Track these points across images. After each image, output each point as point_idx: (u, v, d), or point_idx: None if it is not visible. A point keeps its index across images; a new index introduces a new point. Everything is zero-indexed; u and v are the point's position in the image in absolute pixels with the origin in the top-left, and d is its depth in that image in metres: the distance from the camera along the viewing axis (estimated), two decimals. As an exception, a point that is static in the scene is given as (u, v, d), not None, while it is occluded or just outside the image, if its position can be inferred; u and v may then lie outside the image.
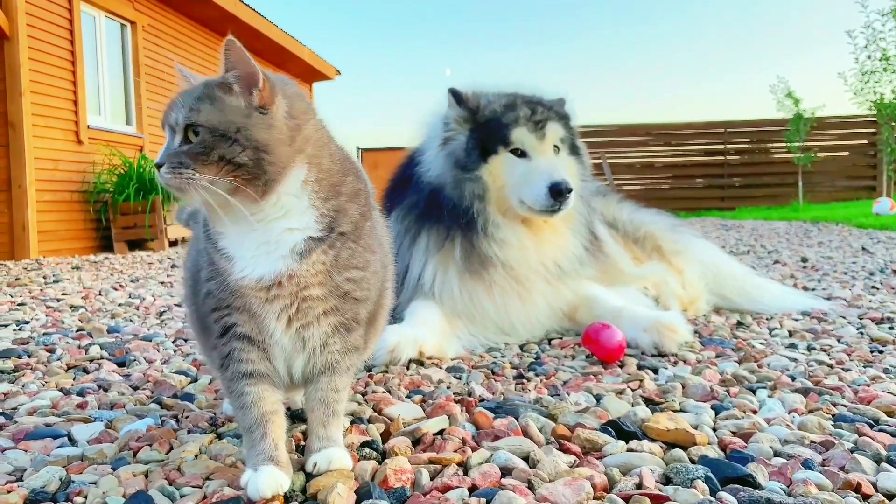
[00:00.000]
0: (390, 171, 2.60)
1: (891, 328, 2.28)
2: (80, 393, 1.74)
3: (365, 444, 1.30)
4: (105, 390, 1.77)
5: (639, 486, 1.11)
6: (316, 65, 13.22)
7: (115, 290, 3.86)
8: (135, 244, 7.59)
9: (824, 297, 2.88)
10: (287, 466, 1.11)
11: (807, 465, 1.16)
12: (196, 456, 1.29)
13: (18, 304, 3.31)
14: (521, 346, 2.18)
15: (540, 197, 2.14)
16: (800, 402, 1.51)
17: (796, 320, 2.46)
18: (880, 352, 1.98)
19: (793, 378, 1.71)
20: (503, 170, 2.21)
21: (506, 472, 1.18)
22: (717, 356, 1.97)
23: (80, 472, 1.22)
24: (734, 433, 1.33)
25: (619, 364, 1.91)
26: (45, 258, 6.44)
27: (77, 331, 2.59)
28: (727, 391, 1.61)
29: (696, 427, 1.35)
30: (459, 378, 1.82)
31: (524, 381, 1.77)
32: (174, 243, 7.83)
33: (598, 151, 14.60)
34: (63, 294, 3.70)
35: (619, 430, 1.34)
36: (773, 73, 31.16)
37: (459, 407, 1.50)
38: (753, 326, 2.38)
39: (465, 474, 1.17)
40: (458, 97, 2.28)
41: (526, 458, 1.23)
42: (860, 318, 2.46)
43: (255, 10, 10.39)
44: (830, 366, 1.83)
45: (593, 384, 1.70)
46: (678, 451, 1.24)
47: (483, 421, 1.42)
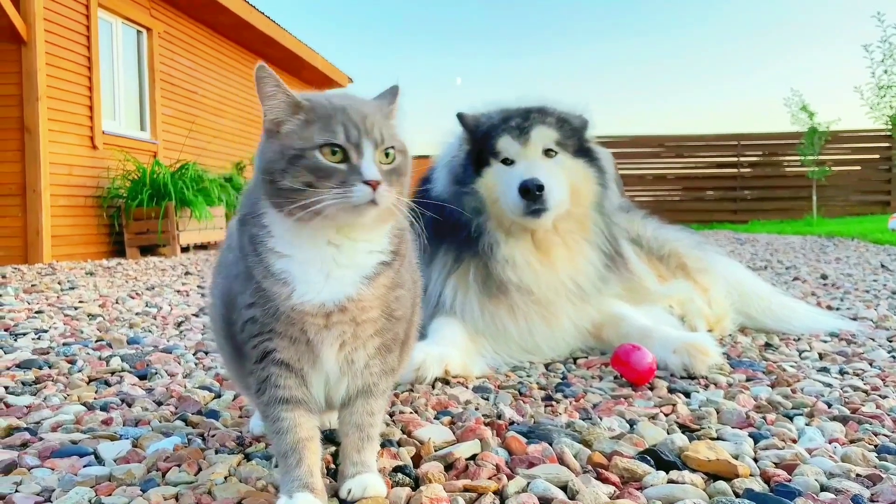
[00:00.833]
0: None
1: (922, 352, 2.24)
2: (103, 408, 1.72)
3: (397, 469, 1.27)
4: (129, 405, 1.75)
5: (684, 520, 1.08)
6: (329, 73, 13.26)
7: (132, 298, 3.85)
8: (147, 249, 7.60)
9: (850, 318, 2.84)
10: (322, 493, 1.09)
11: (856, 501, 1.13)
12: (226, 478, 1.26)
13: (36, 312, 3.31)
14: (546, 366, 2.15)
15: (513, 200, 2.12)
16: (839, 432, 1.48)
17: (825, 342, 2.42)
18: (915, 377, 1.94)
19: (829, 405, 1.67)
20: (494, 181, 2.20)
21: (544, 501, 1.15)
22: (748, 379, 1.94)
23: (110, 494, 1.20)
24: (777, 464, 1.30)
25: (649, 386, 1.87)
26: (58, 262, 6.45)
27: (96, 341, 2.57)
28: (763, 418, 1.57)
29: (736, 457, 1.31)
30: (487, 399, 1.79)
31: (553, 403, 1.74)
32: (186, 249, 7.83)
33: (610, 162, 14.52)
34: (80, 302, 3.69)
35: (658, 459, 1.31)
36: (787, 85, 31.07)
37: (490, 430, 1.47)
38: (782, 348, 2.34)
39: (503, 503, 1.15)
40: (462, 119, 2.31)
41: (564, 488, 1.20)
42: (889, 341, 2.42)
43: (269, 18, 10.43)
44: (866, 392, 1.79)
45: (625, 408, 1.67)
46: (721, 484, 1.20)
47: (516, 446, 1.39)
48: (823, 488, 1.19)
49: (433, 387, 1.91)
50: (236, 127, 10.82)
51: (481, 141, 2.25)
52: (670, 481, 1.22)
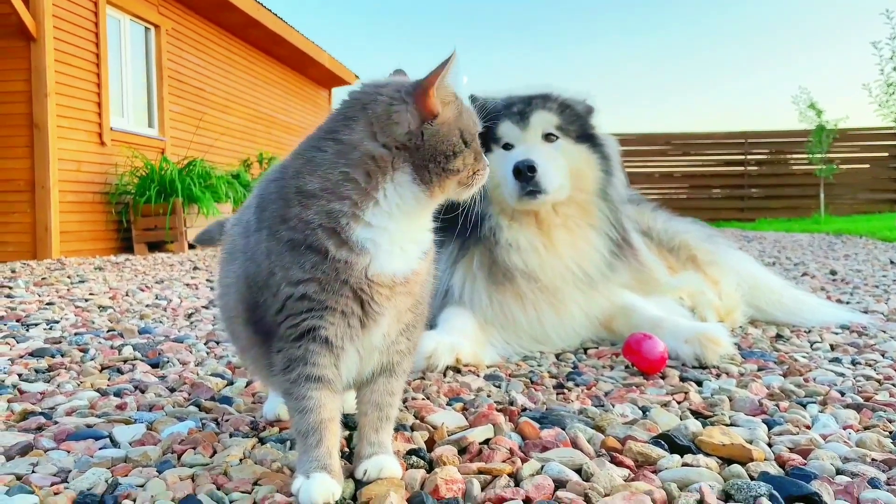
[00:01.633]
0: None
1: (934, 344, 2.23)
2: (117, 394, 1.73)
3: (411, 452, 1.28)
4: (142, 391, 1.76)
5: (700, 501, 1.08)
6: (336, 70, 13.27)
7: (142, 290, 3.87)
8: (154, 246, 7.63)
9: (861, 311, 2.83)
10: (339, 475, 1.09)
11: (873, 483, 1.13)
12: (241, 460, 1.27)
13: (47, 304, 3.32)
14: (556, 356, 2.15)
15: (510, 183, 2.12)
16: (853, 419, 1.47)
17: (836, 333, 2.41)
18: (927, 368, 1.93)
19: (842, 393, 1.66)
20: (495, 166, 2.20)
21: (559, 484, 1.15)
22: (760, 369, 1.93)
23: (126, 475, 1.21)
24: (791, 449, 1.29)
25: (661, 375, 1.87)
26: (66, 258, 6.47)
27: (108, 331, 2.58)
28: (776, 405, 1.57)
29: (750, 442, 1.31)
30: (498, 386, 1.79)
31: (565, 390, 1.74)
32: (193, 246, 7.86)
33: (617, 160, 14.51)
34: (90, 294, 3.71)
35: (672, 443, 1.31)
36: (795, 83, 30.98)
37: (503, 416, 1.48)
38: (793, 339, 2.33)
39: (518, 485, 1.15)
40: (473, 101, 2.29)
41: (578, 471, 1.20)
42: (901, 333, 2.41)
43: (277, 16, 10.45)
44: (879, 381, 1.79)
45: (637, 395, 1.67)
46: (736, 467, 1.20)
47: (529, 431, 1.39)
48: (839, 472, 1.19)
49: (444, 375, 1.91)
50: (243, 124, 10.84)
51: (484, 127, 2.24)
52: (685, 464, 1.22)
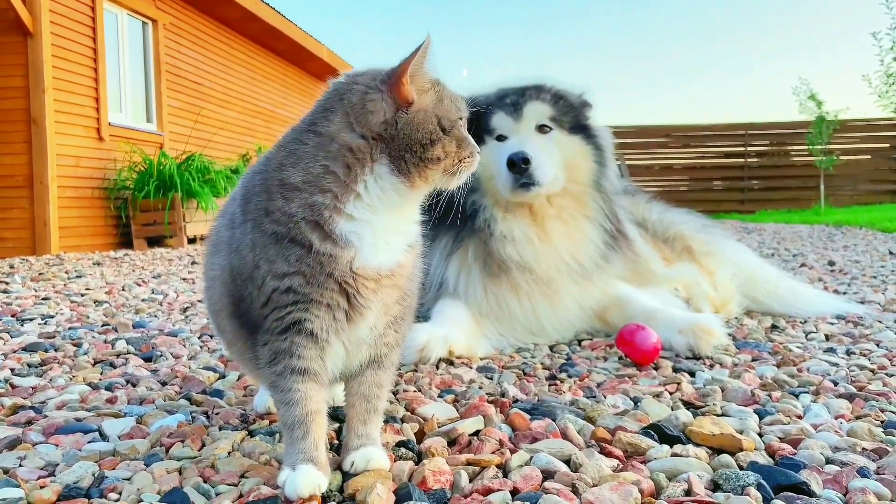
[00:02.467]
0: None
1: (930, 333, 2.22)
2: (108, 388, 1.72)
3: (400, 444, 1.27)
4: (133, 385, 1.76)
5: (688, 492, 1.07)
6: (334, 64, 13.22)
7: (139, 285, 3.87)
8: (154, 241, 7.62)
9: (857, 301, 2.82)
10: (325, 466, 1.09)
11: (862, 473, 1.12)
12: (229, 453, 1.27)
13: (42, 299, 3.32)
14: (550, 347, 2.15)
15: (503, 175, 2.11)
16: (846, 408, 1.47)
17: (832, 324, 2.40)
18: (922, 357, 1.92)
19: (835, 383, 1.66)
20: (489, 158, 2.19)
21: (547, 475, 1.15)
22: (754, 360, 1.93)
23: (113, 468, 1.20)
24: (781, 439, 1.29)
25: (654, 366, 1.87)
26: (65, 254, 6.47)
27: (102, 325, 2.58)
28: (769, 395, 1.56)
29: (741, 432, 1.30)
30: (491, 378, 1.78)
31: (557, 382, 1.73)
32: (193, 241, 7.85)
33: (617, 153, 14.41)
34: (86, 289, 3.70)
35: (662, 434, 1.30)
36: (795, 74, 30.86)
37: (494, 408, 1.47)
38: (788, 330, 2.32)
39: (506, 476, 1.14)
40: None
41: (567, 462, 1.20)
42: (897, 323, 2.40)
43: (275, 10, 10.41)
44: (873, 371, 1.78)
45: (629, 386, 1.66)
46: (726, 457, 1.20)
47: (519, 422, 1.39)
48: (829, 461, 1.18)
49: (437, 367, 1.90)
50: (242, 118, 10.82)
51: (477, 119, 2.24)
52: (674, 455, 1.22)
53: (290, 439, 1.10)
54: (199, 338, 2.35)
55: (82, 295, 3.46)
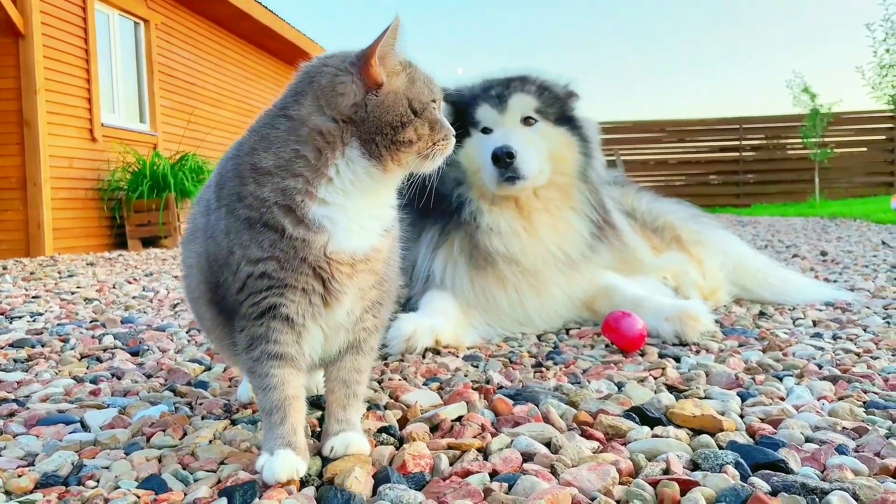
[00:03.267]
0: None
1: (918, 318, 2.23)
2: (93, 381, 1.72)
3: (382, 430, 1.27)
4: (118, 378, 1.76)
5: (666, 471, 1.07)
6: (328, 63, 13.20)
7: (130, 283, 3.86)
8: (148, 241, 7.61)
9: (847, 289, 2.82)
10: (304, 451, 1.08)
11: (840, 450, 1.12)
12: (210, 441, 1.27)
13: (33, 297, 3.31)
14: (538, 336, 2.14)
15: (489, 169, 2.11)
16: (829, 390, 1.47)
17: (820, 310, 2.41)
18: (909, 341, 1.92)
19: (820, 366, 1.66)
20: (474, 151, 2.18)
21: (527, 457, 1.15)
22: (740, 345, 1.93)
23: (93, 457, 1.20)
24: (762, 420, 1.29)
25: (640, 353, 1.87)
26: (59, 255, 6.46)
27: (91, 322, 2.58)
28: (753, 379, 1.56)
29: (722, 413, 1.31)
30: (477, 366, 1.78)
31: (543, 369, 1.73)
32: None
33: (612, 148, 14.47)
34: (77, 287, 3.70)
35: (644, 416, 1.30)
36: (788, 67, 30.93)
37: (478, 394, 1.47)
38: (776, 316, 2.33)
39: (486, 459, 1.14)
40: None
41: (548, 444, 1.20)
42: (885, 309, 2.40)
43: (267, 9, 10.39)
44: (858, 354, 1.78)
45: (614, 372, 1.66)
46: (705, 437, 1.20)
47: (502, 407, 1.39)
48: (808, 440, 1.18)
49: (423, 356, 1.90)
50: (235, 118, 10.79)
51: (462, 111, 2.24)
52: (654, 436, 1.21)
53: (269, 424, 1.10)
54: (187, 332, 2.35)
55: (72, 293, 3.45)
